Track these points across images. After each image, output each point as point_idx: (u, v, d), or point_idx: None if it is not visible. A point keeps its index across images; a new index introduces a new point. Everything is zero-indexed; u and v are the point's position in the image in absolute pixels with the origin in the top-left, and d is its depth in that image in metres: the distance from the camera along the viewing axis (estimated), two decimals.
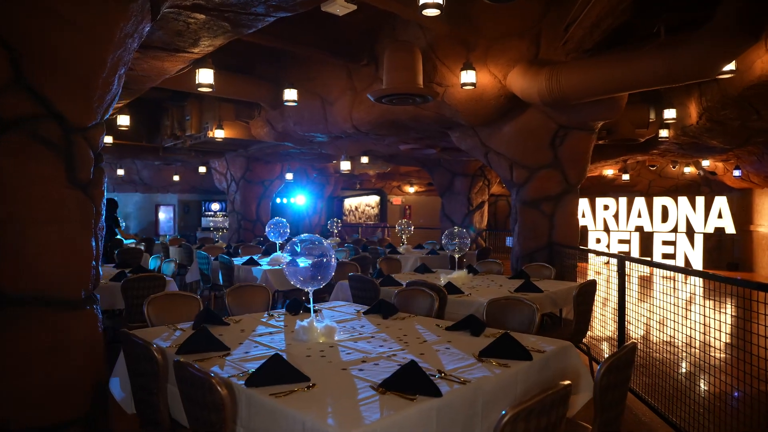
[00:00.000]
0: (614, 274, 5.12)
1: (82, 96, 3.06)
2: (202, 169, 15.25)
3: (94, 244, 3.32)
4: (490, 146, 7.74)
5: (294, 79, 8.94)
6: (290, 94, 7.30)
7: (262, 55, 9.19)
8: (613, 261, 4.79)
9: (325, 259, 3.15)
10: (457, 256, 5.95)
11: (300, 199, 20.34)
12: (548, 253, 7.54)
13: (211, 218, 19.23)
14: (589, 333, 6.99)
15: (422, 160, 13.42)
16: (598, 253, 6.02)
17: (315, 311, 4.18)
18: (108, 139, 11.25)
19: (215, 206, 19.68)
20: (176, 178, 17.03)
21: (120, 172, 15.12)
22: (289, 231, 7.95)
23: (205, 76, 5.17)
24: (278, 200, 20.42)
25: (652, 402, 4.66)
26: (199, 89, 5.49)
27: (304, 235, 3.25)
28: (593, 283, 5.01)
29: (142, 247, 10.68)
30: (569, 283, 5.64)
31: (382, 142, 10.06)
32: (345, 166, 11.31)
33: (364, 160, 12.35)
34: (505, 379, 2.63)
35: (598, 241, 15.87)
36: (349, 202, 23.27)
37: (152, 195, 18.53)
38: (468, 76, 6.11)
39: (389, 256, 7.89)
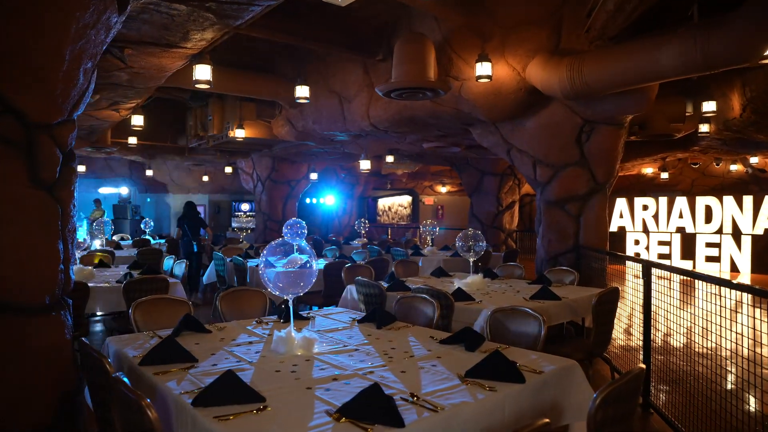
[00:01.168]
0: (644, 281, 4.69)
1: (42, 91, 2.87)
2: (228, 170, 15.24)
3: (61, 247, 3.13)
4: (512, 143, 7.36)
5: (312, 77, 8.73)
6: (302, 91, 7.08)
7: (282, 54, 9.03)
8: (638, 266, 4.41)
9: (307, 264, 2.89)
10: (471, 259, 5.61)
11: (329, 200, 20.21)
12: (575, 257, 7.11)
13: (237, 219, 19.29)
14: (619, 342, 6.53)
15: (449, 158, 13.06)
16: (624, 258, 5.59)
17: (307, 318, 3.93)
18: (132, 140, 11.28)
19: (245, 206, 19.72)
20: (206, 178, 17.10)
21: (149, 172, 15.25)
22: (306, 231, 7.73)
23: (202, 72, 5.00)
24: (307, 200, 20.34)
25: (680, 426, 4.21)
26: (196, 86, 5.32)
27: (278, 240, 3.00)
28: (615, 291, 4.61)
29: (164, 248, 10.65)
30: (593, 289, 5.24)
31: (403, 140, 9.76)
32: (365, 165, 11.06)
33: (390, 159, 12.07)
34: (490, 405, 2.30)
35: (637, 242, 15.19)
36: (383, 203, 23.04)
37: (184, 196, 18.69)
38: (483, 68, 5.76)
39: (407, 259, 7.57)
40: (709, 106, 8.60)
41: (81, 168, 13.28)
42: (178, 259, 7.32)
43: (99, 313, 6.83)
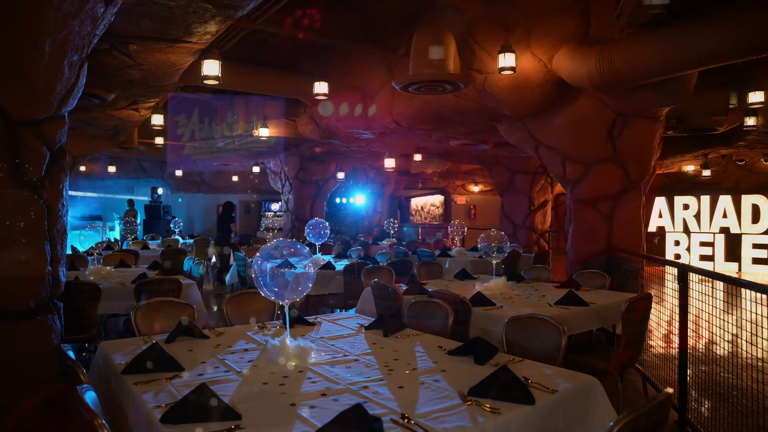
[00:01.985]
0: (691, 285, 4.31)
1: (22, 85, 2.73)
2: (256, 169, 15.21)
3: (49, 248, 2.99)
4: (540, 139, 7.02)
5: (335, 74, 8.55)
6: (320, 87, 6.89)
7: (306, 52, 8.88)
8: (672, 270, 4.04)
9: (302, 267, 2.68)
10: (495, 261, 5.32)
11: (359, 199, 20.04)
12: (607, 259, 6.73)
13: (265, 219, 19.29)
14: (657, 350, 6.13)
15: (479, 156, 12.72)
16: (658, 261, 5.21)
17: (312, 324, 3.72)
18: (159, 140, 11.31)
19: (275, 206, 19.72)
20: (235, 178, 17.14)
21: (178, 173, 15.34)
22: (329, 231, 7.55)
23: (210, 68, 4.86)
24: (337, 200, 20.22)
25: None
26: (204, 82, 5.18)
27: (278, 240, 2.79)
28: (647, 297, 4.26)
29: (189, 249, 10.63)
30: (624, 294, 4.88)
31: (429, 137, 9.50)
32: (389, 163, 10.83)
33: (417, 157, 11.81)
34: (492, 431, 2.04)
35: (677, 243, 14.55)
36: (416, 202, 22.77)
37: (214, 195, 18.80)
38: (506, 60, 5.46)
39: (432, 261, 7.31)
40: (756, 97, 8.05)
41: (111, 169, 13.42)
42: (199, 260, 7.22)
43: (119, 314, 6.78)
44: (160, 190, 17.55)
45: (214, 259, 10.71)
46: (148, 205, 17.05)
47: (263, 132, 9.98)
